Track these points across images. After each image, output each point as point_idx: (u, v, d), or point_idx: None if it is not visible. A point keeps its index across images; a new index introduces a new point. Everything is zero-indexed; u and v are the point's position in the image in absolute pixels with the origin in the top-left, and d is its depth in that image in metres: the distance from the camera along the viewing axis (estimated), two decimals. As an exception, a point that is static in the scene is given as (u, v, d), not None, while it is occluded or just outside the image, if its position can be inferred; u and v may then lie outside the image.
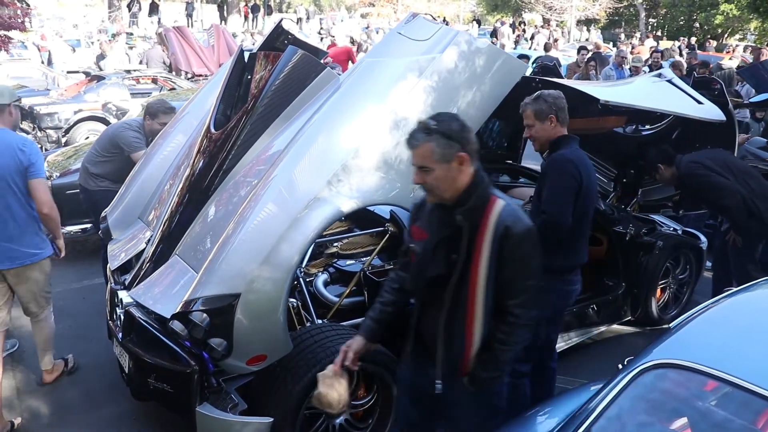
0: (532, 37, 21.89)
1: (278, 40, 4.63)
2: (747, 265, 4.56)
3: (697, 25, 29.90)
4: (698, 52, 16.32)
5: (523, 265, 2.25)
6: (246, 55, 4.16)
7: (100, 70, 13.74)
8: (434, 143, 2.19)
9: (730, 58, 13.89)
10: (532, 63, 11.72)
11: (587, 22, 31.33)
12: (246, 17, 30.68)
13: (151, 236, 3.80)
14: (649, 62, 11.26)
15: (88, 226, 5.95)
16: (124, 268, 3.86)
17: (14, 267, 3.70)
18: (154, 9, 29.34)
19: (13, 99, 3.73)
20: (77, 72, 15.18)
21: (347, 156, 3.16)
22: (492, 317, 2.28)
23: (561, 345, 4.11)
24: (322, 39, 20.37)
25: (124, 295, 3.51)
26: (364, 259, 3.85)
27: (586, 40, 22.77)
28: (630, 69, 10.43)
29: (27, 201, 3.68)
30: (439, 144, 2.18)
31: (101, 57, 15.00)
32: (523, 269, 2.25)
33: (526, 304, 2.28)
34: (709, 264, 5.33)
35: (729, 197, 4.31)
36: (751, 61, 13.12)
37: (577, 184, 3.15)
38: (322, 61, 3.97)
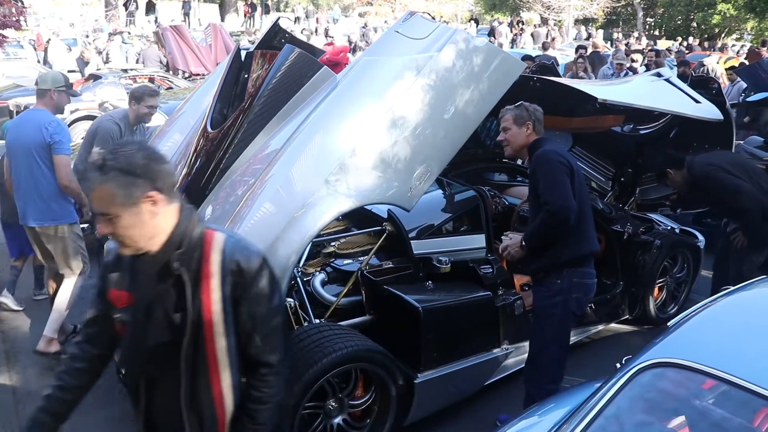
0: (531, 35, 21.90)
1: (275, 38, 4.62)
2: (743, 267, 4.53)
3: (695, 24, 29.95)
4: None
5: (266, 303, 1.86)
6: (243, 53, 4.15)
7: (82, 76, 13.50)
8: (113, 183, 1.69)
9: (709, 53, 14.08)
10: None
11: (585, 22, 31.34)
12: (246, 16, 30.66)
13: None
14: (645, 62, 11.28)
15: (86, 225, 5.94)
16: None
17: (39, 226, 4.23)
18: (151, 8, 29.32)
19: (55, 85, 4.19)
20: (75, 71, 15.14)
21: (344, 155, 3.16)
22: (242, 375, 1.89)
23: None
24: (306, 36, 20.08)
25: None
26: (362, 258, 3.84)
27: (586, 39, 22.77)
28: (615, 66, 10.52)
29: (50, 173, 4.14)
30: (120, 184, 1.69)
31: (83, 63, 14.32)
32: (265, 308, 1.86)
33: (277, 348, 1.89)
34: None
35: (748, 199, 4.26)
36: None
37: (568, 170, 3.21)
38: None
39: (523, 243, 3.29)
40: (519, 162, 4.89)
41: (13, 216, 4.58)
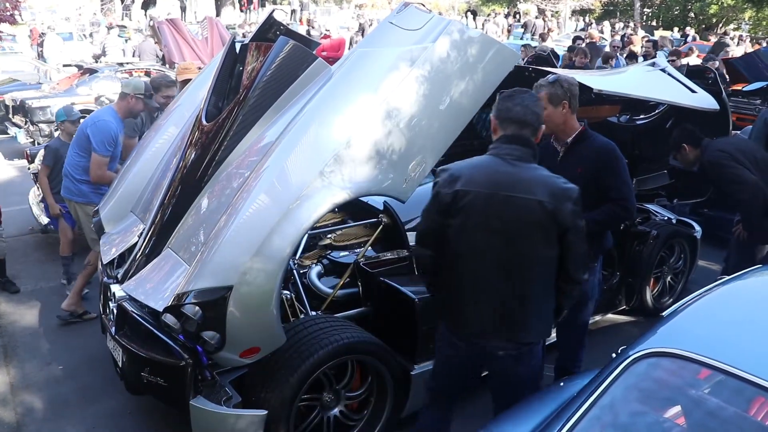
0: (525, 26, 21.82)
1: (270, 31, 4.59)
2: (742, 264, 4.50)
3: (692, 14, 29.89)
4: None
5: None
6: (237, 46, 4.13)
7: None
8: None
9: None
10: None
11: (582, 13, 31.25)
12: (242, 10, 30.55)
13: (144, 229, 3.78)
14: (642, 52, 11.27)
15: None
16: (117, 261, 3.84)
17: (68, 198, 4.86)
18: (148, 1, 29.17)
19: (135, 91, 4.59)
20: (70, 65, 15.06)
21: (339, 146, 3.14)
22: None
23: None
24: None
25: (116, 289, 3.49)
26: (358, 250, 3.84)
27: (583, 30, 22.69)
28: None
29: (86, 164, 4.70)
30: None
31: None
32: None
33: None
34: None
35: (747, 192, 4.19)
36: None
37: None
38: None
39: None
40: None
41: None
